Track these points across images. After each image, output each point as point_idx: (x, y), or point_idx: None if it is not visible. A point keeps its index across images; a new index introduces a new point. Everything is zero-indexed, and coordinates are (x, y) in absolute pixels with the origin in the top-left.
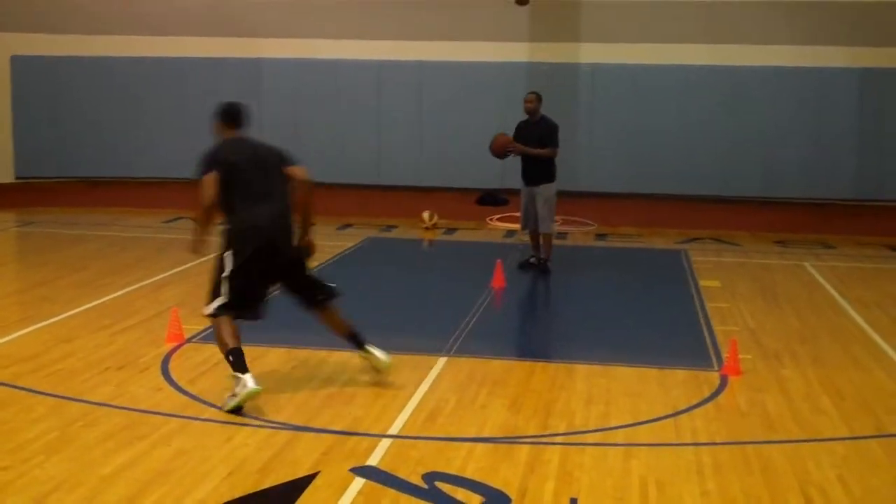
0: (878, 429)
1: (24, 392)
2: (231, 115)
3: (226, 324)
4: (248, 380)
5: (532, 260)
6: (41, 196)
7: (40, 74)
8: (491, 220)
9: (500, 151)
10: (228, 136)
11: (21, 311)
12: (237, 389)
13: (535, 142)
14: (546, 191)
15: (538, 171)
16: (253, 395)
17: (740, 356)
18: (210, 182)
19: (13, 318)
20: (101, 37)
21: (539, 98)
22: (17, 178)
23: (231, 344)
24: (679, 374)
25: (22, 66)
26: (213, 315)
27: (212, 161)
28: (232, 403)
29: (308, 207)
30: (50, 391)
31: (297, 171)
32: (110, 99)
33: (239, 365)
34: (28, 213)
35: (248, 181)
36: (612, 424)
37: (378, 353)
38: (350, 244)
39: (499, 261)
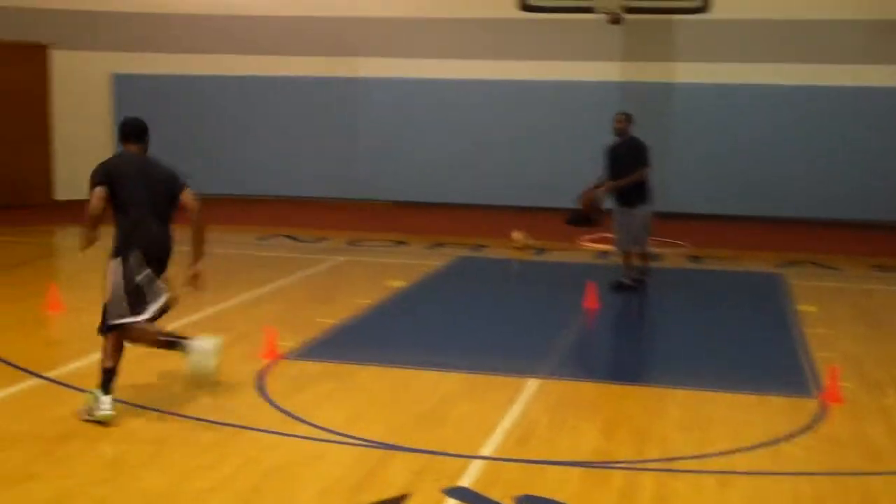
0: None
1: (123, 405)
2: (123, 132)
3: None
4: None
5: (624, 280)
6: None
7: (141, 92)
8: (582, 240)
9: (588, 211)
10: (125, 150)
11: None
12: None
13: (623, 162)
14: (642, 213)
15: (632, 192)
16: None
17: (840, 384)
18: (97, 195)
19: None
20: (201, 55)
21: (629, 118)
22: None
23: (112, 363)
24: (776, 401)
25: (123, 85)
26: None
27: (99, 174)
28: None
29: (198, 234)
30: (147, 404)
31: (187, 197)
32: (209, 117)
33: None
34: None
35: (131, 194)
36: (708, 451)
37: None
38: (441, 263)
39: (591, 282)
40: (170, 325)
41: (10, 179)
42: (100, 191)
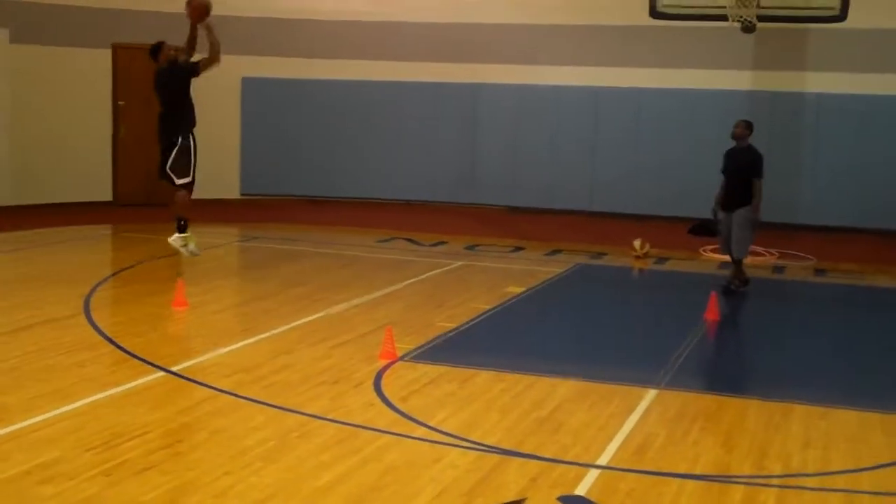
0: None
1: (244, 401)
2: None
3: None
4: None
5: (731, 286)
6: (264, 213)
7: (267, 96)
8: (705, 250)
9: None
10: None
11: (243, 323)
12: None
13: (738, 169)
14: (740, 216)
15: (739, 198)
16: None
17: None
18: None
19: (236, 329)
20: (326, 61)
21: (749, 126)
22: (243, 194)
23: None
24: None
25: (251, 88)
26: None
27: None
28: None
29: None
30: (268, 401)
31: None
32: (332, 121)
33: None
34: (251, 229)
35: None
36: (832, 469)
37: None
38: (559, 270)
39: (713, 292)
40: (289, 324)
41: (146, 178)
42: None
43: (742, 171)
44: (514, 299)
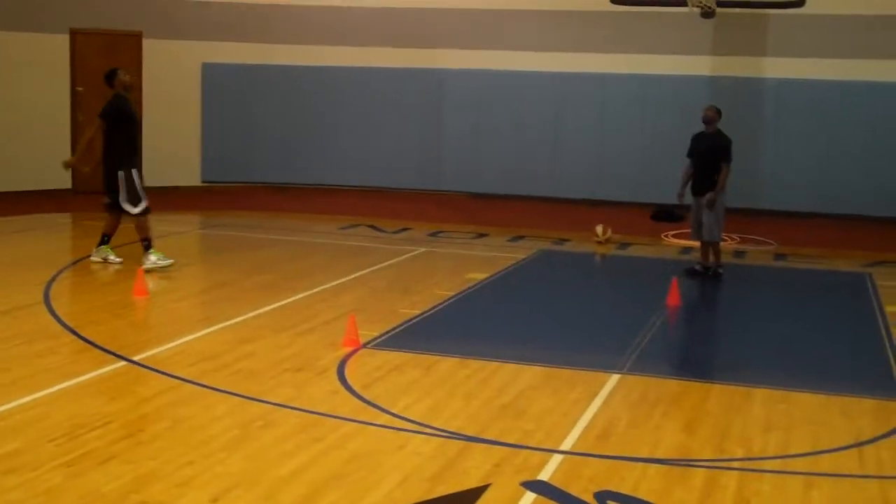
0: None
1: (207, 390)
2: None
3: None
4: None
5: (698, 267)
6: (226, 200)
7: (228, 82)
8: (666, 236)
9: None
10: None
11: (205, 311)
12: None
13: (708, 153)
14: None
15: (709, 183)
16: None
17: None
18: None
19: (197, 317)
20: (287, 46)
21: (718, 112)
22: (203, 181)
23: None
24: (864, 403)
25: (211, 74)
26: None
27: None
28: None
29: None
30: (231, 390)
31: None
32: (294, 107)
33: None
34: (213, 216)
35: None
36: (792, 452)
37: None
38: (522, 256)
39: (675, 278)
40: (252, 312)
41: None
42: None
43: (712, 156)
44: (478, 285)
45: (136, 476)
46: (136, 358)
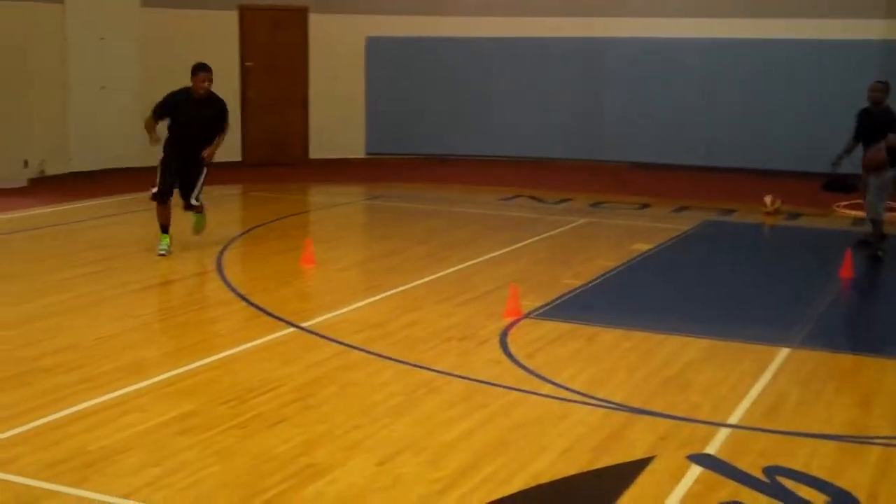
0: None
1: (373, 357)
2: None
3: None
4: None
5: (871, 239)
6: (390, 171)
7: (392, 54)
8: (839, 206)
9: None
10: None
11: (370, 280)
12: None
13: (876, 134)
14: (879, 176)
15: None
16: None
17: None
18: None
19: (362, 287)
20: (451, 17)
21: (886, 87)
22: (368, 153)
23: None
24: None
25: (376, 47)
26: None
27: None
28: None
29: None
30: (396, 357)
31: None
32: (456, 78)
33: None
34: (376, 188)
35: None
36: None
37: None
38: (687, 227)
39: (848, 249)
40: (415, 281)
41: (272, 139)
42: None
43: (881, 135)
44: (641, 256)
45: (305, 439)
46: (304, 324)
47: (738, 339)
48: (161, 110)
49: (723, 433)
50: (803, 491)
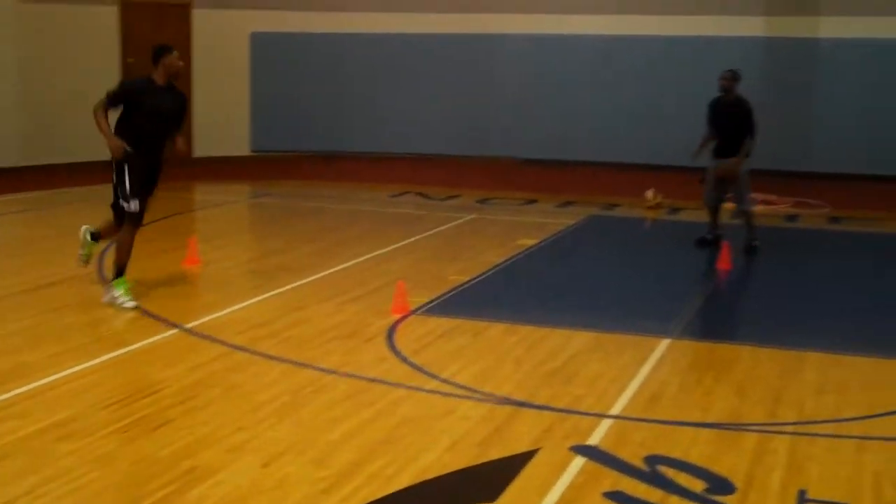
0: None
1: (259, 357)
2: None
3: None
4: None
5: (709, 236)
6: (275, 169)
7: (277, 50)
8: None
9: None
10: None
11: (256, 279)
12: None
13: (729, 122)
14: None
15: (735, 148)
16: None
17: None
18: None
19: (248, 286)
20: (337, 13)
21: (736, 77)
22: (253, 150)
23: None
24: None
25: (260, 43)
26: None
27: None
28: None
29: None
30: (282, 356)
31: None
32: (342, 75)
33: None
34: (263, 186)
35: None
36: (846, 416)
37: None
38: (572, 221)
39: (725, 242)
40: (302, 280)
41: None
42: None
43: (732, 123)
44: (527, 252)
45: (189, 442)
46: (188, 325)
47: (621, 332)
48: (117, 97)
49: (605, 424)
50: (682, 478)
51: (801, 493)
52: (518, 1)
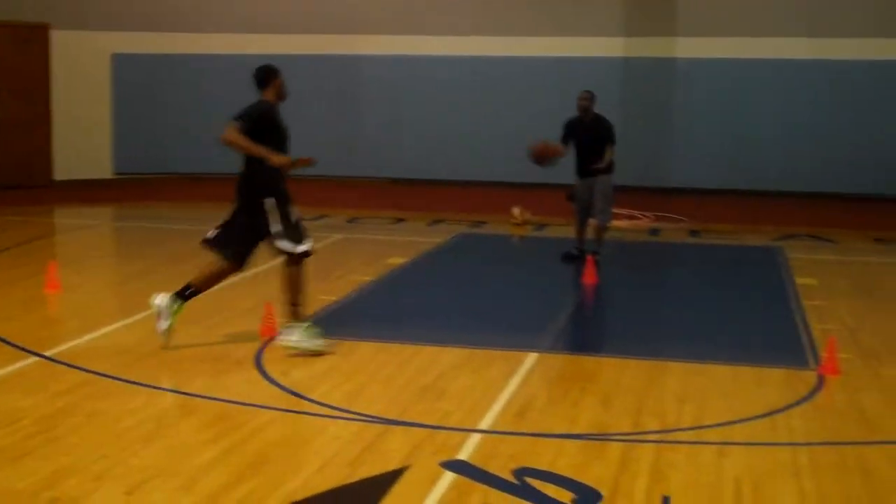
0: None
1: (122, 383)
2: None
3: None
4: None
5: (575, 251)
6: (139, 191)
7: (140, 72)
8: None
9: (540, 158)
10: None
11: (119, 304)
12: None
13: (591, 141)
14: (603, 182)
15: (593, 164)
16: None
17: (839, 355)
18: None
19: (112, 311)
20: (200, 35)
21: (593, 97)
22: (116, 173)
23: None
24: (775, 373)
25: (122, 64)
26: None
27: None
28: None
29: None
30: (147, 382)
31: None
32: (207, 96)
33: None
34: (126, 209)
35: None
36: (706, 423)
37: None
38: (440, 240)
39: (590, 256)
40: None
41: (12, 160)
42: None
43: (598, 140)
44: (396, 270)
45: (50, 472)
46: (49, 353)
47: (490, 347)
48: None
49: (475, 438)
50: (550, 490)
51: (665, 499)
52: (378, 22)
